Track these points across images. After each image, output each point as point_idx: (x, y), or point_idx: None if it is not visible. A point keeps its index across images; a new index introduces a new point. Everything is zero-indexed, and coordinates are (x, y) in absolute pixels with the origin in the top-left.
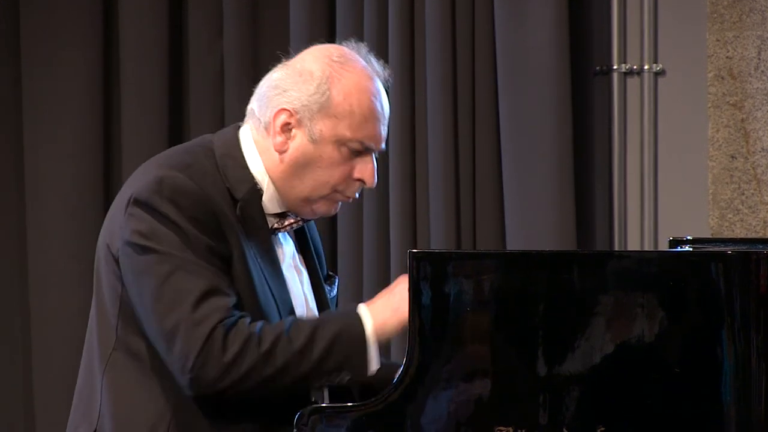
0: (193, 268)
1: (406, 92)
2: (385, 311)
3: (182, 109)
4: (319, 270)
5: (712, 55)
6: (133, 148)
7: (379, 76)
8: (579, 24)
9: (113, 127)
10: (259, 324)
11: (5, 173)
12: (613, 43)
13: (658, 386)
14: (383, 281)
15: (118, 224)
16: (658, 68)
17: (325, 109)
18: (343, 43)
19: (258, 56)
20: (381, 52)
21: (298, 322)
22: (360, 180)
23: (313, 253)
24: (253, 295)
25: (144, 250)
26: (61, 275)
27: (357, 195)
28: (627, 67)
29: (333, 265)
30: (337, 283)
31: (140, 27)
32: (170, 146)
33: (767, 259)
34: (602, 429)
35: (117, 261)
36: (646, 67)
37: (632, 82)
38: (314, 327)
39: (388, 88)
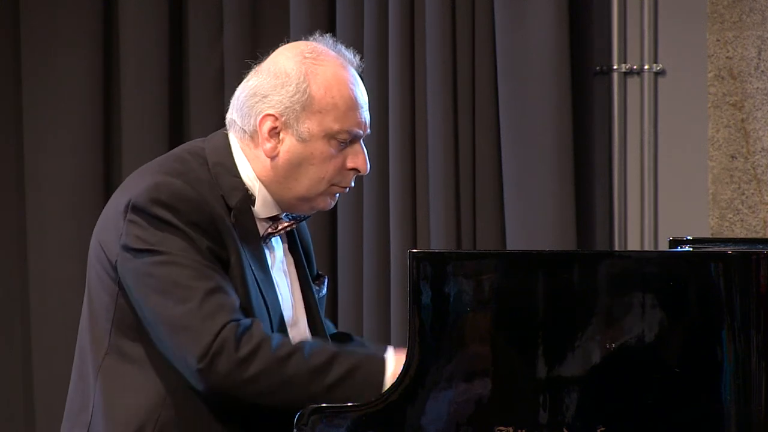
0: (196, 267)
1: (406, 92)
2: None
3: (182, 109)
4: (308, 271)
5: (712, 55)
6: (133, 148)
7: (352, 64)
8: (579, 24)
9: (113, 127)
10: (278, 335)
11: (5, 173)
12: (613, 43)
13: (658, 386)
14: (383, 281)
15: (115, 229)
16: (658, 68)
17: (308, 107)
18: (309, 38)
19: (258, 56)
20: (381, 52)
21: (320, 344)
22: (354, 169)
23: (301, 254)
24: (248, 300)
25: (146, 253)
26: (61, 275)
27: (353, 183)
28: (627, 67)
29: (333, 265)
30: (326, 283)
31: (140, 27)
32: (171, 146)
33: (767, 259)
34: (602, 429)
35: (113, 266)
36: (646, 67)
37: (632, 82)
38: (335, 353)
39: (361, 75)
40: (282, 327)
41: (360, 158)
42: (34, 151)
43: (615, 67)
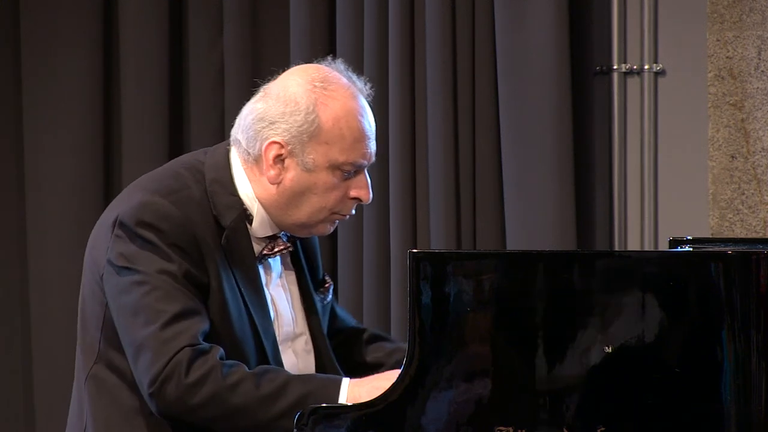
0: (169, 290)
1: (406, 92)
2: (361, 389)
3: (182, 109)
4: (310, 282)
5: (712, 55)
6: (133, 148)
7: (362, 93)
8: (579, 24)
9: (113, 128)
10: (232, 361)
11: (5, 173)
12: (613, 43)
13: (658, 386)
14: (383, 282)
15: (104, 242)
16: (658, 68)
17: (315, 137)
18: (320, 61)
19: (258, 56)
20: (381, 52)
21: (273, 371)
22: (356, 198)
23: (304, 263)
24: (228, 325)
25: (126, 271)
26: (61, 275)
27: (354, 211)
28: (627, 67)
29: (333, 266)
30: (331, 290)
31: (140, 27)
32: (170, 146)
33: (767, 259)
34: (602, 429)
35: (101, 277)
36: (646, 67)
37: (632, 82)
38: (286, 381)
39: (370, 102)
40: (275, 346)
41: (363, 188)
42: (34, 151)
43: (615, 67)
